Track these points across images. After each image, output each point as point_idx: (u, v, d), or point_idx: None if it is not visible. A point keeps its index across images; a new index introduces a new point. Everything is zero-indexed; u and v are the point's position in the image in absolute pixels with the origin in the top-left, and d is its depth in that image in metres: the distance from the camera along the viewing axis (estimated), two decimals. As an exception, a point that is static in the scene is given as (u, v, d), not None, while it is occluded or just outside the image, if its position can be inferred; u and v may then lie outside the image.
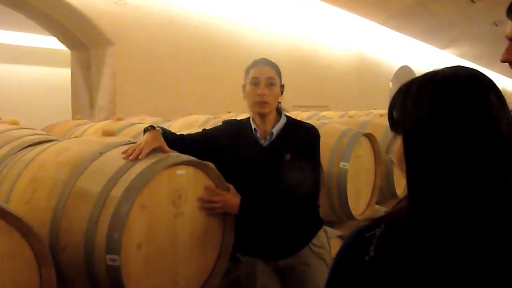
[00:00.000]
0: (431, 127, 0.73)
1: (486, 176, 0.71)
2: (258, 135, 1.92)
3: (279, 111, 1.97)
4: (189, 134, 2.03)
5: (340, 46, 10.73)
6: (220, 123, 2.07)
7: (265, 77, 1.88)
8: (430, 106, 0.74)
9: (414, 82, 0.78)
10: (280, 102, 1.97)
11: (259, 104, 1.87)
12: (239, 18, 7.73)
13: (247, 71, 1.94)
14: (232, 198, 1.80)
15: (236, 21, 7.67)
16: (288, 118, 1.97)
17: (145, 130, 1.76)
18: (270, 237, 1.91)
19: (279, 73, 1.94)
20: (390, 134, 3.49)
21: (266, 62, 1.94)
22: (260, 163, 1.88)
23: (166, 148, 1.72)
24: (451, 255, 0.69)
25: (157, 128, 1.77)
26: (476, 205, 0.70)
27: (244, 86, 1.94)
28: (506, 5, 1.22)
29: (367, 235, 0.79)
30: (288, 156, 1.85)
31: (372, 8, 10.40)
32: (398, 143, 0.79)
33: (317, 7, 9.52)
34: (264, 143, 1.92)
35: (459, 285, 0.69)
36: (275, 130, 1.91)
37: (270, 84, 1.88)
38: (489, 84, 0.75)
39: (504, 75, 24.81)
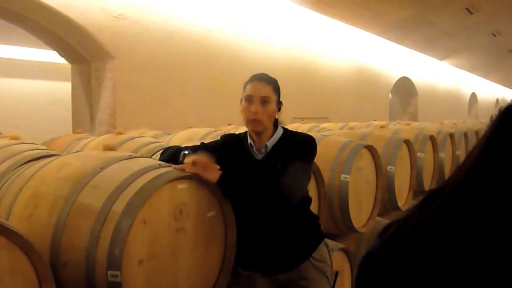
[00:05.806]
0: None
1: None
2: (254, 150, 1.91)
3: (275, 124, 1.94)
4: (186, 147, 2.02)
5: (339, 57, 10.78)
6: (220, 137, 2.07)
7: (260, 95, 1.84)
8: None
9: None
10: (277, 119, 1.95)
11: (252, 122, 1.85)
12: (239, 31, 7.78)
13: (244, 86, 1.91)
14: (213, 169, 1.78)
15: (236, 33, 7.72)
16: (285, 130, 1.96)
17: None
18: (271, 250, 1.89)
19: (276, 90, 1.90)
20: (390, 146, 3.49)
21: (262, 78, 1.89)
22: (254, 176, 1.85)
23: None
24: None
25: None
26: None
27: (241, 100, 1.92)
28: (504, 15, 1.23)
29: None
30: (279, 165, 1.82)
31: (369, 19, 10.48)
32: None
33: (315, 19, 9.59)
34: (259, 156, 1.91)
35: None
36: (270, 143, 1.90)
37: (264, 101, 1.84)
38: None
39: (502, 84, 24.94)
